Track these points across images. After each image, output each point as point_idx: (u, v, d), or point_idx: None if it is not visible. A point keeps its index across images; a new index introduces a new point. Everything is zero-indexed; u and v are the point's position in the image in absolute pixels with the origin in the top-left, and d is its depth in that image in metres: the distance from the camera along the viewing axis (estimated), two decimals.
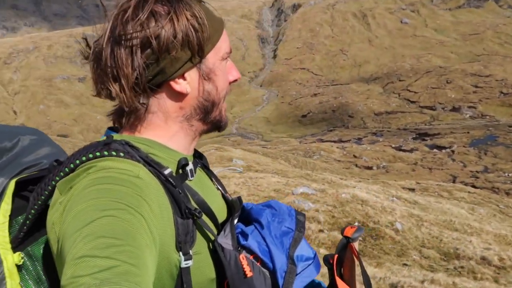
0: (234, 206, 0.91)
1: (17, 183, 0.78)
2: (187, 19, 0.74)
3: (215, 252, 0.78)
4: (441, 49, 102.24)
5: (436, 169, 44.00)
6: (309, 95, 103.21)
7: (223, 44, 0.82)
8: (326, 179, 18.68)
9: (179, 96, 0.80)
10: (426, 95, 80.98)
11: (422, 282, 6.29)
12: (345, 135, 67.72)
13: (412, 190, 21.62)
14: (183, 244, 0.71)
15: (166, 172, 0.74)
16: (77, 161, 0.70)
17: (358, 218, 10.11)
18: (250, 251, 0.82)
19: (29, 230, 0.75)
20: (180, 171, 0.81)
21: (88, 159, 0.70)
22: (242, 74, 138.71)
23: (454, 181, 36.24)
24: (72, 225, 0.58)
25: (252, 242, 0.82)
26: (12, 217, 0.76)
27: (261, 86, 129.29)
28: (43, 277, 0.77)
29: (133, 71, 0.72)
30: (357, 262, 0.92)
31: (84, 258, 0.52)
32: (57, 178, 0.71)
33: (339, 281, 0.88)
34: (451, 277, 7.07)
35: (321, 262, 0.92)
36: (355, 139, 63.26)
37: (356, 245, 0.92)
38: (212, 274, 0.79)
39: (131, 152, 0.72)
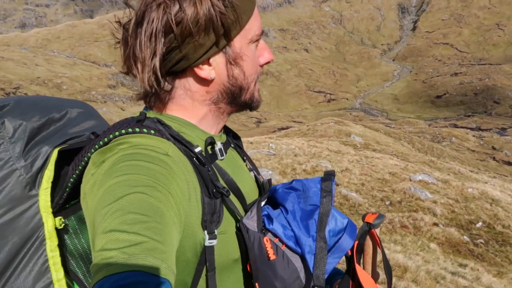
0: (263, 188, 0.91)
1: (59, 152, 0.82)
2: (212, 2, 0.71)
3: (240, 232, 0.79)
4: None
5: None
6: (449, 74, 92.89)
7: (253, 26, 0.79)
8: (453, 169, 16.96)
9: (204, 81, 0.79)
10: None
11: None
12: (486, 122, 59.82)
13: None
14: (208, 224, 0.73)
15: (197, 150, 0.76)
16: (111, 135, 0.73)
17: (483, 218, 9.01)
18: (275, 234, 0.82)
19: (69, 197, 0.81)
20: (210, 150, 0.81)
21: (121, 134, 0.73)
22: (374, 46, 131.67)
23: None
24: (103, 199, 0.61)
25: (277, 226, 0.82)
26: (59, 182, 0.83)
27: (393, 60, 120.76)
28: (82, 241, 0.85)
29: (154, 55, 0.72)
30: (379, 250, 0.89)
31: (114, 233, 0.55)
32: (92, 150, 0.74)
33: (359, 268, 0.86)
34: None
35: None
36: (497, 128, 55.54)
37: (377, 231, 0.89)
38: (236, 254, 0.80)
39: (162, 130, 0.75)
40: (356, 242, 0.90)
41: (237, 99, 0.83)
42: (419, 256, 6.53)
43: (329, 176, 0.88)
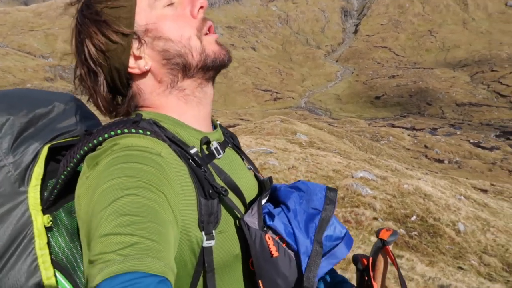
0: (264, 186, 0.91)
1: (50, 149, 0.82)
2: (90, 32, 0.76)
3: (241, 230, 0.78)
4: None
5: None
6: (387, 76, 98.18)
7: None
8: (390, 167, 18.02)
9: (146, 74, 0.80)
10: None
11: None
12: (419, 123, 64.10)
13: (485, 191, 20.12)
14: (205, 224, 0.72)
15: (192, 151, 0.76)
16: (106, 135, 0.73)
17: (417, 212, 9.71)
18: (275, 232, 0.81)
19: (59, 194, 0.79)
20: (206, 150, 0.82)
21: (116, 135, 0.73)
22: (319, 47, 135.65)
23: None
24: (97, 204, 0.61)
25: (278, 224, 0.81)
26: (47, 179, 0.81)
27: (336, 61, 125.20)
28: (73, 237, 0.83)
29: (99, 87, 0.79)
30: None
31: (109, 236, 0.55)
32: (85, 148, 0.74)
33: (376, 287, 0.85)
34: None
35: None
36: (429, 128, 59.75)
37: (390, 248, 0.90)
38: (237, 250, 0.79)
39: (158, 131, 0.75)
40: (371, 258, 0.90)
41: (190, 68, 0.80)
42: (361, 249, 6.91)
43: (334, 189, 0.89)
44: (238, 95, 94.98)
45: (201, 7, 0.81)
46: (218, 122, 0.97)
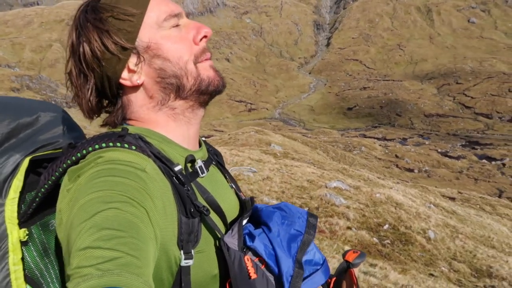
0: (246, 206, 0.90)
1: (31, 162, 0.79)
2: (90, 37, 0.74)
3: (221, 250, 0.78)
4: (509, 54, 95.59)
5: (482, 181, 41.87)
6: (358, 88, 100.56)
7: (155, 11, 0.77)
8: (363, 176, 18.33)
9: (138, 88, 0.79)
10: (483, 102, 76.52)
11: None
12: (390, 133, 65.76)
13: (453, 199, 20.75)
14: (185, 243, 0.71)
15: (176, 169, 0.75)
16: (90, 148, 0.71)
17: (389, 221, 9.89)
18: (255, 253, 0.81)
19: (38, 207, 0.77)
20: (190, 168, 0.80)
21: (100, 148, 0.71)
22: (292, 59, 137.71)
23: (500, 196, 34.30)
24: (78, 216, 0.60)
25: (258, 244, 0.81)
26: (26, 191, 0.78)
27: (309, 73, 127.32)
28: (48, 252, 0.79)
29: (87, 90, 0.78)
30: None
31: (88, 250, 0.53)
32: (69, 162, 0.72)
33: None
34: None
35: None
36: (400, 138, 61.37)
37: (356, 271, 0.91)
38: (215, 270, 0.78)
39: (143, 146, 0.73)
40: (334, 279, 0.91)
41: (183, 90, 0.79)
42: (335, 258, 6.95)
43: (315, 215, 0.89)
44: (212, 106, 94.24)
45: (205, 36, 0.81)
46: (203, 139, 0.95)
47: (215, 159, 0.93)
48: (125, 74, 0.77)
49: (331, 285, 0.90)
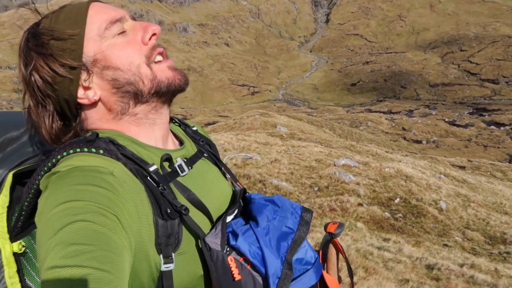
0: (235, 198, 0.87)
1: (14, 175, 0.79)
2: (36, 65, 0.73)
3: (203, 251, 0.75)
4: None
5: (492, 147, 41.57)
6: (361, 63, 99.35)
7: (95, 24, 0.75)
8: (371, 152, 18.28)
9: (96, 103, 0.77)
10: (489, 67, 75.27)
11: (462, 266, 6.10)
12: (396, 106, 65.22)
13: (463, 168, 20.68)
14: (163, 247, 0.69)
15: (151, 169, 0.73)
16: (58, 156, 0.70)
17: (400, 194, 9.89)
18: (240, 252, 0.77)
19: (26, 220, 0.76)
20: (168, 168, 0.78)
21: (68, 154, 0.70)
22: (292, 39, 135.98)
23: (510, 161, 34.10)
24: (44, 233, 0.58)
25: (242, 244, 0.77)
26: (15, 205, 0.78)
27: (310, 51, 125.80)
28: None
29: (48, 117, 0.76)
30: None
31: (55, 269, 0.52)
32: (42, 173, 0.71)
33: (326, 275, 0.88)
34: (494, 263, 6.80)
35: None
36: (406, 111, 60.88)
37: (338, 239, 0.99)
38: (200, 272, 0.76)
39: (113, 150, 0.72)
40: (321, 251, 0.93)
41: (142, 95, 0.77)
42: (348, 236, 6.99)
43: (309, 210, 0.87)
44: (215, 92, 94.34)
45: (154, 34, 0.78)
46: (194, 129, 0.94)
47: (207, 150, 0.90)
48: (80, 92, 0.75)
49: (320, 257, 0.91)
